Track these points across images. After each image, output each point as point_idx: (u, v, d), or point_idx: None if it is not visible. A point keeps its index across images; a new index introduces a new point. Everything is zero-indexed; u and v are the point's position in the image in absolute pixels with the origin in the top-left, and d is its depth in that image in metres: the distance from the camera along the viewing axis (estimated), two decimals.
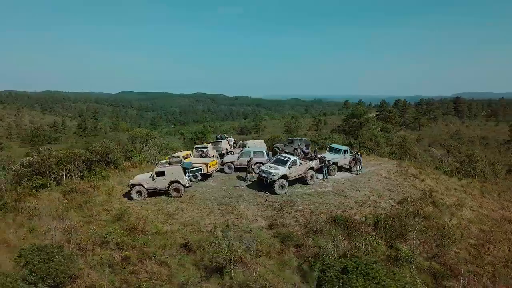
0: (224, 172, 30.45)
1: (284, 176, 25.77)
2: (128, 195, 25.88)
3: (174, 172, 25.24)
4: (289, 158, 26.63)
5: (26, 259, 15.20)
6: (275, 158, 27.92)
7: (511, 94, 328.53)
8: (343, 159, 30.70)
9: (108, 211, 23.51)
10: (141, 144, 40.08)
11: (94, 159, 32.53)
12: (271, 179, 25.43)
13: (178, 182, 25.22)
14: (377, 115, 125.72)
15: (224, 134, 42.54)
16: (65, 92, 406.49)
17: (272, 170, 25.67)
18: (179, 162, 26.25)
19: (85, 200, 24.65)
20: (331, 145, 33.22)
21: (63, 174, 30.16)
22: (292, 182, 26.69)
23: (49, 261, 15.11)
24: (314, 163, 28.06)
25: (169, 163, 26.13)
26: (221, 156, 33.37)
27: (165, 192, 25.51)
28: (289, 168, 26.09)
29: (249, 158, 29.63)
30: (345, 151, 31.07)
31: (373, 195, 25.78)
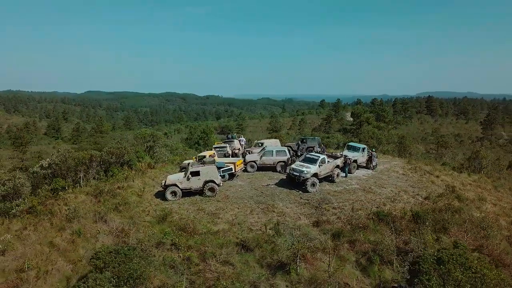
0: (247, 171, 30.67)
1: (315, 174, 26.33)
2: (160, 195, 25.71)
3: (209, 172, 25.28)
4: (318, 157, 27.23)
5: (105, 261, 15.02)
6: (303, 157, 28.43)
7: (472, 93, 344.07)
8: (362, 157, 31.66)
9: (148, 212, 23.30)
10: (146, 145, 39.49)
11: (111, 160, 31.91)
12: (303, 177, 25.94)
13: (213, 181, 25.28)
14: (352, 114, 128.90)
15: (235, 134, 42.67)
16: (28, 91, 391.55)
17: (304, 169, 26.18)
18: (213, 162, 26.30)
19: (119, 201, 24.33)
20: (349, 144, 34.12)
21: (81, 176, 29.51)
22: (320, 180, 27.26)
23: (128, 262, 15.01)
24: (339, 161, 28.79)
25: (203, 163, 26.10)
26: (233, 155, 33.65)
27: (199, 192, 25.52)
28: (319, 166, 26.69)
29: (272, 157, 30.16)
30: (363, 149, 32.02)
31: (399, 191, 26.74)
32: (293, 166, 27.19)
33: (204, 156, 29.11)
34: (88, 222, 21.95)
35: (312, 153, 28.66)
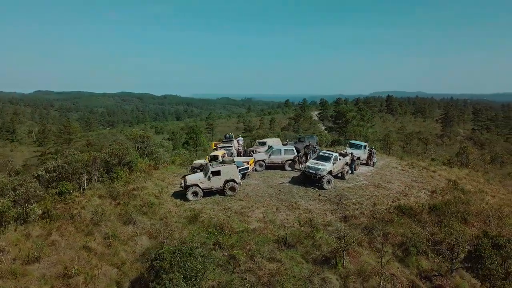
0: (255, 170, 30.96)
1: (329, 172, 27.15)
2: (178, 196, 25.54)
3: (229, 171, 25.39)
4: (331, 154, 28.10)
5: (171, 261, 14.90)
6: (316, 155, 29.17)
7: (422, 93, 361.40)
8: (363, 154, 32.93)
9: (175, 212, 23.11)
10: (140, 145, 38.62)
11: (114, 162, 31.06)
12: (319, 174, 26.68)
13: (233, 181, 25.43)
14: (320, 113, 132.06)
15: (231, 134, 42.74)
16: None
17: (320, 166, 26.93)
18: (233, 161, 26.41)
19: (140, 203, 23.94)
20: (351, 141, 35.32)
21: (86, 178, 28.53)
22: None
23: (194, 261, 15.01)
24: (348, 159, 29.81)
25: (223, 162, 26.15)
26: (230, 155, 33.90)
27: (219, 192, 25.58)
28: (333, 164, 27.55)
29: (280, 156, 30.79)
30: (364, 146, 33.31)
31: (406, 186, 28.14)
32: (308, 164, 27.85)
33: (216, 156, 29.08)
34: (117, 225, 21.46)
35: (325, 151, 29.51)
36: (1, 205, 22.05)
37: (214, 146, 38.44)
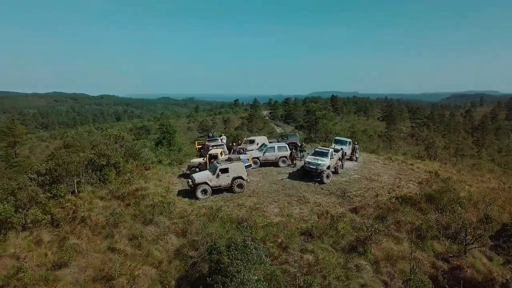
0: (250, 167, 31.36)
1: (328, 167, 28.36)
2: (185, 195, 25.43)
3: (237, 168, 25.69)
4: (328, 150, 29.36)
5: (229, 256, 15.08)
6: (313, 151, 30.25)
7: (357, 93, 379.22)
8: (348, 150, 34.63)
9: (191, 210, 23.01)
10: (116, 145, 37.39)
11: (102, 163, 29.96)
12: (320, 170, 27.79)
13: (241, 178, 25.76)
14: (270, 113, 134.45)
15: (215, 132, 42.60)
16: None
17: (320, 162, 28.06)
18: (239, 159, 26.68)
19: (151, 203, 23.54)
20: (336, 138, 36.88)
21: (75, 181, 27.33)
22: None
23: (249, 254, 15.28)
24: (340, 154, 31.25)
25: (230, 160, 26.33)
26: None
27: (226, 189, 25.78)
28: (330, 159, 28.80)
29: (274, 153, 31.57)
30: (349, 142, 35.04)
31: (395, 179, 30.12)
32: (307, 160, 28.85)
33: (215, 155, 29.10)
34: (137, 225, 20.98)
35: (321, 147, 30.69)
36: (2, 210, 20.69)
37: (198, 145, 38.28)
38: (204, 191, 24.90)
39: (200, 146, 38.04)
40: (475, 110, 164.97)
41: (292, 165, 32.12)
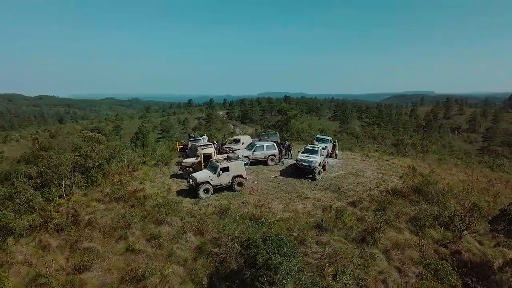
0: None
1: (319, 164, 29.51)
2: (186, 194, 25.44)
3: (237, 167, 26.08)
4: (318, 148, 30.51)
5: (267, 250, 15.57)
6: (303, 149, 31.22)
7: (304, 94, 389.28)
8: (329, 147, 36.08)
9: (200, 209, 23.12)
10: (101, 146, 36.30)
11: (89, 165, 29.09)
12: (313, 166, 28.86)
13: (241, 176, 26.18)
14: (227, 113, 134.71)
15: (196, 133, 42.36)
16: None
17: (312, 159, 29.12)
18: (238, 157, 27.04)
19: (154, 204, 23.40)
20: (317, 136, 38.17)
21: (63, 184, 26.40)
22: None
23: (284, 246, 15.89)
24: (326, 152, 32.54)
25: (229, 159, 26.61)
26: None
27: (226, 188, 26.09)
28: (320, 156, 29.97)
29: (263, 151, 32.27)
30: (330, 140, 36.51)
31: (379, 173, 31.91)
32: (300, 157, 29.77)
33: (209, 155, 29.19)
34: (150, 226, 20.81)
35: (311, 145, 31.76)
36: (2, 216, 19.72)
37: (179, 145, 38.06)
38: (206, 190, 25.05)
39: (181, 146, 37.86)
40: (419, 110, 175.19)
41: (280, 163, 32.97)
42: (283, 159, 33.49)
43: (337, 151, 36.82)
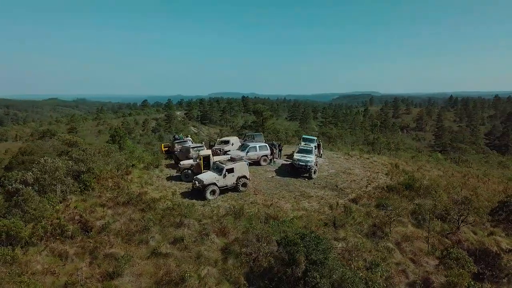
0: None
1: (314, 163, 30.46)
2: (192, 196, 25.37)
3: (241, 168, 26.37)
4: (311, 148, 31.47)
5: (305, 246, 16.15)
6: (298, 149, 31.99)
7: (255, 94, 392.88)
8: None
9: (212, 211, 23.18)
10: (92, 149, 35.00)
11: (82, 169, 28.11)
12: (309, 166, 29.75)
13: (245, 177, 26.50)
14: (186, 114, 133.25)
15: (181, 135, 41.76)
16: None
17: (308, 158, 30.00)
18: (242, 158, 27.27)
19: (165, 207, 23.23)
20: (304, 136, 39.10)
21: (57, 189, 25.42)
22: None
23: (320, 243, 16.56)
24: (316, 151, 33.60)
25: (233, 160, 26.80)
26: None
27: (231, 189, 26.31)
28: (315, 155, 30.95)
29: (256, 152, 32.75)
30: (316, 140, 37.65)
31: (366, 171, 33.42)
32: (296, 157, 30.49)
33: (208, 156, 29.16)
34: (170, 229, 20.64)
35: (305, 145, 32.61)
36: (14, 225, 18.84)
37: (164, 148, 37.58)
38: (213, 192, 25.13)
39: (166, 148, 37.40)
40: (370, 109, 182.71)
41: (272, 163, 33.57)
42: (274, 159, 34.12)
43: (322, 151, 38.01)
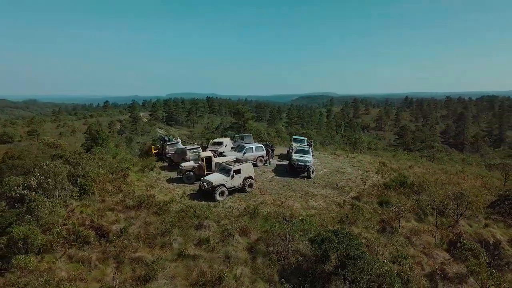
0: None
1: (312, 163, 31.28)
2: (200, 198, 25.41)
3: (248, 169, 26.66)
4: (308, 148, 32.23)
5: (339, 241, 16.78)
6: (295, 149, 32.60)
7: (215, 94, 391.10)
8: None
9: (226, 212, 23.33)
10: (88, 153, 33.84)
11: (79, 173, 27.32)
12: (308, 166, 30.50)
13: (251, 177, 26.82)
14: (150, 114, 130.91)
15: (171, 136, 41.11)
16: None
17: (307, 159, 30.74)
18: (247, 159, 27.50)
19: (178, 209, 23.18)
20: (294, 137, 39.79)
21: (60, 195, 24.67)
22: None
23: (354, 241, 17.27)
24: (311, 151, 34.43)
25: (239, 161, 27.01)
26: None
27: (237, 190, 26.54)
28: (312, 156, 31.76)
29: (253, 153, 33.13)
30: (306, 140, 38.54)
31: (358, 170, 34.67)
32: (295, 158, 31.10)
33: (209, 158, 29.19)
34: (190, 232, 20.62)
35: (301, 146, 33.28)
36: (30, 232, 18.20)
37: (154, 150, 37.10)
38: (222, 193, 25.26)
39: (156, 151, 36.94)
40: (332, 110, 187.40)
41: (267, 164, 34.03)
42: (270, 160, 34.61)
43: (312, 151, 38.89)
